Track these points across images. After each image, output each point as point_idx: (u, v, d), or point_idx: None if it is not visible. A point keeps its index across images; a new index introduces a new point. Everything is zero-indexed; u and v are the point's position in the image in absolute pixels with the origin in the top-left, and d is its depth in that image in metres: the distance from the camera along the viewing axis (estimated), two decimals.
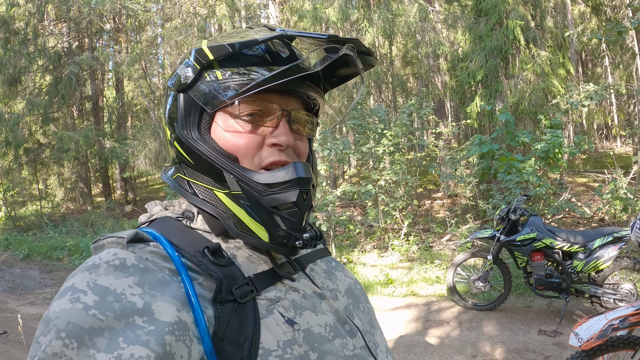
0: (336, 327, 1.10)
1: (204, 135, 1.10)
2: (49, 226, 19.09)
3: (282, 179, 1.06)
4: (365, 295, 1.37)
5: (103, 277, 0.89)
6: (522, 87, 13.99)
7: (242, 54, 1.08)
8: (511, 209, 7.40)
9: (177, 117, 1.12)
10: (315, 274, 1.24)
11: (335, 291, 1.24)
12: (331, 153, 11.46)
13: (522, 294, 8.35)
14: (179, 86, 1.11)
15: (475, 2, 14.91)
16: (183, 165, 1.14)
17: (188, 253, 1.02)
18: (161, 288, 0.92)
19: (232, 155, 1.08)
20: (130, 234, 1.01)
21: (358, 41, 1.10)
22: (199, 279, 0.99)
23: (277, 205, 1.07)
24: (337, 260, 1.41)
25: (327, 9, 17.05)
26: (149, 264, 0.95)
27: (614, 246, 6.81)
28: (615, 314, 3.85)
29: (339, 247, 11.72)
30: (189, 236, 1.09)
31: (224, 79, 1.06)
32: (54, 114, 21.86)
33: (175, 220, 1.14)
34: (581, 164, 18.66)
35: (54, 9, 21.82)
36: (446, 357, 6.31)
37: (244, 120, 1.08)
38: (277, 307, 1.03)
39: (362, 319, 1.25)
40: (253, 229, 1.08)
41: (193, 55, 1.08)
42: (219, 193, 1.09)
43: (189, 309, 0.92)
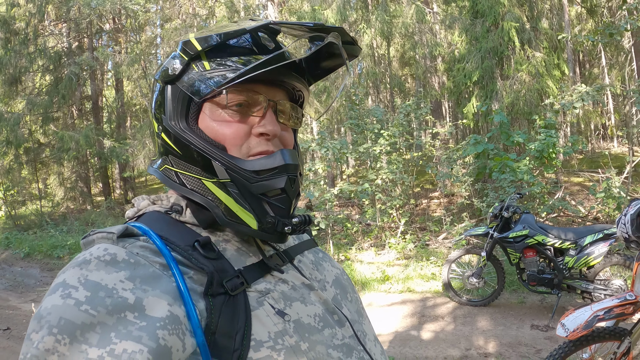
0: (325, 317, 1.12)
1: (191, 126, 1.11)
2: (49, 225, 19.15)
3: (270, 166, 1.08)
4: (353, 285, 1.39)
5: (94, 272, 0.90)
6: (517, 88, 14.13)
7: (229, 45, 1.10)
8: (504, 207, 7.56)
9: (165, 108, 1.13)
10: (304, 265, 1.25)
11: (323, 282, 1.26)
12: (329, 152, 11.59)
13: (515, 290, 8.49)
14: (166, 78, 1.13)
15: (471, 4, 15.03)
16: (170, 156, 1.15)
17: (178, 247, 1.03)
18: (152, 282, 0.93)
19: (220, 144, 1.09)
20: (120, 229, 1.01)
21: (343, 30, 1.11)
22: (189, 272, 0.99)
23: (266, 192, 1.08)
24: (323, 250, 1.43)
25: (326, 11, 17.16)
26: (140, 259, 0.96)
27: (604, 243, 6.95)
28: (600, 306, 3.98)
29: (336, 245, 11.84)
30: (178, 230, 1.11)
31: (212, 69, 1.08)
32: (54, 114, 21.89)
33: (164, 214, 1.15)
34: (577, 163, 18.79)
35: (54, 9, 21.85)
36: (441, 350, 6.45)
37: (231, 110, 1.09)
38: (267, 298, 1.04)
39: (350, 308, 1.26)
40: (242, 217, 1.09)
41: (180, 47, 1.10)
42: (207, 182, 1.10)
43: (181, 303, 0.93)
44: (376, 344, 1.26)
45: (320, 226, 11.05)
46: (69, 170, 23.41)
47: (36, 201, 23.49)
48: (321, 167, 12.01)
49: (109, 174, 25.42)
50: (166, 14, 22.52)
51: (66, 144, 19.17)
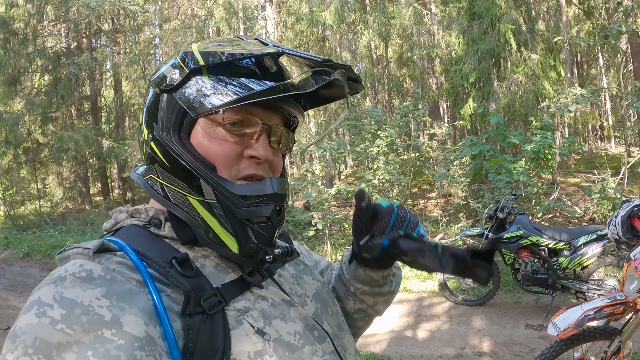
0: (305, 334, 1.09)
1: (183, 140, 1.09)
2: (48, 225, 19.17)
3: (258, 193, 1.07)
4: (333, 298, 1.36)
5: (69, 289, 0.87)
6: (514, 90, 14.20)
7: (233, 63, 1.07)
8: (499, 208, 7.65)
9: (158, 117, 1.10)
10: (284, 280, 1.23)
11: (303, 296, 1.23)
12: (326, 153, 11.66)
13: (511, 290, 8.58)
14: (163, 86, 1.10)
15: (468, 6, 15.10)
16: (157, 166, 1.12)
17: (155, 263, 1.01)
18: (129, 300, 0.90)
19: (211, 163, 1.07)
20: (96, 244, 0.99)
21: (350, 68, 1.10)
22: (167, 290, 0.97)
23: (251, 218, 1.07)
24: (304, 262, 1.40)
25: (324, 12, 17.20)
26: (116, 275, 0.93)
27: (597, 243, 7.04)
28: (591, 305, 4.05)
29: (334, 245, 11.89)
30: (156, 245, 1.08)
31: (212, 86, 1.05)
32: (53, 114, 21.89)
33: (142, 229, 1.12)
34: (574, 164, 18.85)
35: (53, 9, 21.87)
36: (436, 349, 6.53)
37: (225, 130, 1.08)
38: (246, 317, 1.02)
39: (330, 323, 1.23)
40: (223, 239, 1.07)
41: (181, 56, 1.09)
42: (192, 199, 1.07)
43: (157, 323, 0.91)
44: (357, 357, 1.26)
45: (317, 227, 11.10)
46: (68, 170, 23.40)
47: (35, 201, 23.49)
48: (319, 168, 12.07)
49: (107, 174, 25.42)
50: (165, 14, 22.57)
51: (65, 144, 19.15)
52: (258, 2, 21.93)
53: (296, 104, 1.18)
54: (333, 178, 19.42)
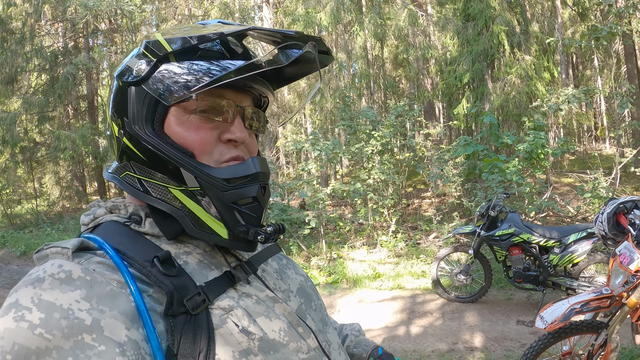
0: (290, 331, 1.08)
1: (157, 131, 1.06)
2: (45, 224, 19.22)
3: (242, 174, 1.05)
4: (317, 292, 1.35)
5: (48, 291, 0.85)
6: (507, 90, 14.31)
7: (199, 47, 1.05)
8: (491, 206, 7.76)
9: (128, 111, 1.07)
10: (267, 275, 1.21)
11: (287, 292, 1.22)
12: (322, 153, 11.78)
13: (503, 287, 8.68)
14: (130, 78, 1.06)
15: (463, 7, 15.19)
16: (133, 162, 1.09)
17: (137, 262, 0.98)
18: (110, 302, 0.88)
19: (189, 150, 1.05)
20: (75, 243, 0.96)
21: (321, 40, 1.09)
22: (149, 290, 0.95)
23: (237, 200, 1.05)
24: (287, 257, 1.39)
25: (319, 14, 17.27)
26: (97, 276, 0.91)
27: (587, 241, 7.14)
28: (577, 299, 4.15)
29: (329, 244, 12.02)
30: (137, 243, 1.05)
31: (181, 72, 1.02)
32: (50, 113, 21.91)
33: (122, 225, 1.09)
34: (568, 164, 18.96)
35: (51, 9, 21.89)
36: (429, 344, 6.65)
37: (199, 116, 1.06)
38: (230, 316, 1.00)
39: (314, 318, 1.23)
40: (212, 226, 1.06)
41: (144, 45, 1.05)
42: (174, 190, 1.05)
43: (139, 325, 0.89)
44: (340, 352, 1.25)
45: (311, 224, 11.21)
46: (65, 170, 23.42)
47: (32, 200, 23.51)
48: (314, 167, 12.16)
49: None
50: (162, 14, 22.59)
51: (62, 143, 19.17)
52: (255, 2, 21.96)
53: (266, 83, 1.17)
54: (329, 177, 19.48)
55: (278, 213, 11.96)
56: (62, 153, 19.93)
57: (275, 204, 12.28)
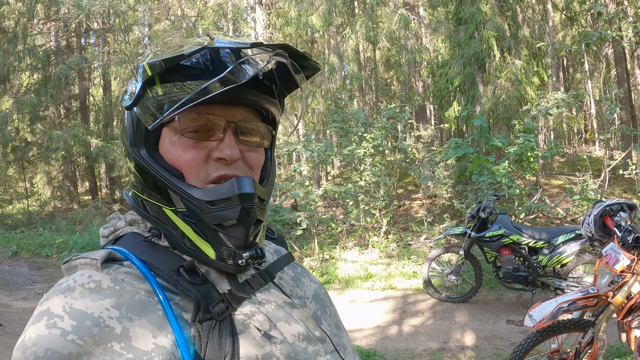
0: (308, 335, 1.10)
1: (152, 152, 1.08)
2: (37, 224, 19.15)
3: (222, 196, 1.03)
4: (330, 298, 1.38)
5: (79, 300, 0.88)
6: (498, 94, 14.40)
7: (182, 66, 1.04)
8: (481, 208, 7.87)
9: (127, 133, 1.10)
10: (284, 283, 1.23)
11: (303, 298, 1.24)
12: (314, 154, 11.89)
13: (493, 287, 8.80)
14: (125, 103, 1.09)
15: (455, 11, 15.27)
16: (136, 182, 1.12)
17: (163, 272, 1.01)
18: (138, 310, 0.91)
19: (178, 171, 1.05)
20: (103, 254, 0.99)
21: (289, 46, 1.06)
22: (175, 299, 0.98)
23: (220, 222, 1.04)
24: (301, 265, 1.40)
25: (311, 16, 17.32)
26: (125, 285, 0.94)
27: (575, 242, 7.27)
28: (565, 298, 4.27)
29: (321, 245, 12.10)
30: (160, 254, 1.07)
31: (164, 94, 1.03)
32: (42, 113, 21.84)
33: (143, 238, 1.11)
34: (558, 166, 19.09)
35: (44, 8, 21.83)
36: (420, 343, 6.75)
37: (187, 136, 1.05)
38: (252, 321, 1.02)
39: (329, 323, 1.25)
40: (200, 246, 1.06)
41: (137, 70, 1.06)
42: (167, 210, 1.07)
43: (168, 332, 0.92)
44: (354, 356, 1.26)
45: (302, 226, 11.28)
46: (56, 170, 23.34)
47: (23, 200, 23.42)
48: (306, 169, 12.23)
49: (95, 174, 25.36)
50: (155, 14, 22.58)
51: (54, 143, 19.12)
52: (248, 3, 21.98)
53: (261, 94, 1.11)
54: (320, 179, 19.52)
55: (270, 214, 12.01)
56: (54, 153, 19.89)
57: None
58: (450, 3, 15.79)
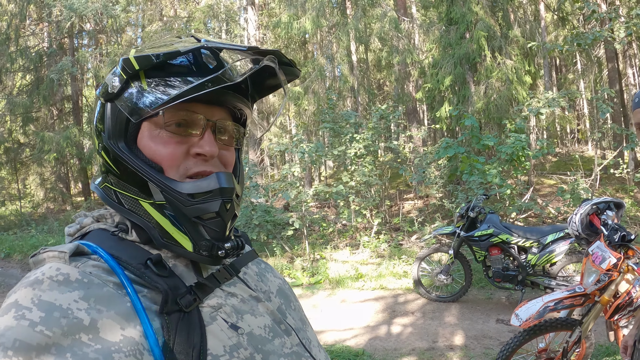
0: (274, 328, 1.14)
1: (130, 145, 1.10)
2: (30, 225, 19.13)
3: (204, 189, 1.07)
4: (294, 294, 1.41)
5: (47, 292, 0.89)
6: (489, 94, 14.41)
7: (169, 64, 1.08)
8: (470, 207, 7.88)
9: (104, 126, 1.11)
10: (249, 277, 1.25)
11: (268, 292, 1.27)
12: (305, 155, 11.87)
13: (483, 286, 8.80)
14: (106, 95, 1.11)
15: (446, 11, 15.28)
16: (110, 175, 1.13)
17: (130, 265, 1.02)
18: (107, 302, 0.92)
19: (157, 165, 1.08)
20: (71, 247, 1.00)
21: (279, 53, 1.11)
22: (143, 291, 0.99)
23: (200, 215, 1.07)
24: (265, 261, 1.44)
25: (302, 19, 17.34)
26: (93, 278, 0.95)
27: (565, 241, 7.27)
28: (551, 297, 4.28)
29: (312, 245, 12.09)
30: (127, 248, 1.09)
31: (149, 88, 1.06)
32: (35, 114, 21.84)
33: (110, 233, 1.12)
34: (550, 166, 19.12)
35: (36, 9, 21.83)
36: (409, 343, 6.74)
37: (169, 130, 1.08)
38: (219, 313, 1.05)
39: (294, 317, 1.28)
40: (177, 239, 1.08)
41: (120, 64, 1.07)
42: (143, 203, 1.08)
43: (137, 323, 0.93)
44: (320, 349, 1.29)
45: (294, 226, 11.27)
46: (49, 171, 23.33)
47: (16, 201, 23.40)
48: (297, 170, 12.23)
49: (88, 175, 25.33)
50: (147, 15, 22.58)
51: (47, 144, 19.13)
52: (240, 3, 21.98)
53: (239, 96, 1.18)
54: (313, 179, 19.53)
55: (262, 214, 12.02)
56: (47, 154, 19.86)
57: (259, 205, 12.32)
58: (441, 4, 15.78)
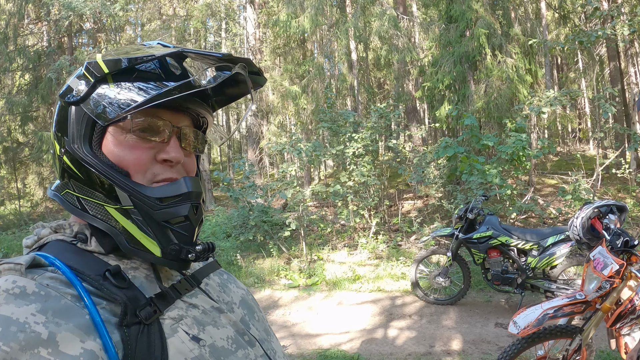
0: (237, 339, 1.13)
1: (95, 150, 1.08)
2: (28, 225, 19.11)
3: (173, 193, 1.08)
4: (258, 304, 1.39)
5: (4, 306, 0.87)
6: (489, 92, 14.30)
7: (136, 69, 1.07)
8: (469, 209, 7.75)
9: (68, 130, 1.09)
10: (211, 288, 1.25)
11: (230, 303, 1.26)
12: (302, 154, 11.74)
13: (482, 289, 8.68)
14: (70, 98, 1.09)
15: (446, 9, 15.19)
16: (72, 180, 1.11)
17: (88, 277, 1.00)
18: (65, 315, 0.90)
19: (124, 170, 1.07)
20: (27, 259, 0.97)
21: (250, 61, 1.13)
22: (102, 303, 0.97)
23: (169, 219, 1.08)
24: (227, 272, 1.43)
25: (300, 17, 17.28)
26: (51, 291, 0.93)
27: (565, 244, 7.14)
28: (551, 304, 4.14)
29: (310, 245, 12.00)
30: (86, 259, 1.07)
31: (117, 93, 1.05)
32: (34, 113, 21.85)
33: (68, 244, 1.10)
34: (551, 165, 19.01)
35: (34, 8, 21.80)
36: (406, 347, 6.61)
37: (135, 136, 1.07)
38: (181, 325, 1.04)
39: (258, 327, 1.27)
40: (145, 244, 1.08)
41: (85, 67, 1.08)
42: (109, 208, 1.07)
43: (96, 336, 0.91)
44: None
45: (292, 227, 11.16)
46: (48, 170, 23.32)
47: (15, 201, 23.37)
48: (294, 169, 12.13)
49: None
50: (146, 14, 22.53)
51: (45, 143, 19.13)
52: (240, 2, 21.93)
53: (203, 104, 1.19)
54: (312, 179, 19.46)
55: (259, 215, 11.91)
56: (46, 154, 19.83)
57: (256, 205, 12.22)
58: (441, 1, 15.70)
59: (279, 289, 9.76)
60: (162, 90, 1.04)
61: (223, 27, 24.38)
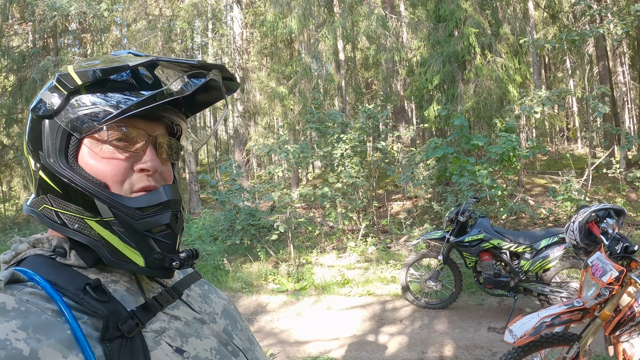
0: (221, 350, 1.13)
1: (71, 163, 1.07)
2: (13, 229, 18.96)
3: (154, 202, 1.07)
4: (240, 314, 1.40)
5: None
6: (479, 92, 14.24)
7: (109, 79, 1.07)
8: (460, 211, 7.64)
9: (42, 144, 1.08)
10: (192, 299, 1.24)
11: (212, 314, 1.26)
12: (289, 156, 11.59)
13: (474, 292, 8.57)
14: (44, 112, 1.07)
15: (434, 9, 15.14)
16: (50, 195, 1.09)
17: (69, 291, 0.99)
18: (46, 331, 0.89)
19: (102, 182, 1.06)
20: (6, 274, 0.97)
21: (223, 67, 1.13)
22: (83, 317, 0.96)
23: (151, 228, 1.07)
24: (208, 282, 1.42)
25: (288, 17, 17.23)
26: (31, 306, 0.92)
27: (559, 246, 7.04)
28: (547, 312, 4.03)
29: (298, 248, 11.88)
30: (65, 273, 1.05)
31: (92, 104, 1.05)
32: (18, 115, 21.71)
33: (47, 258, 1.08)
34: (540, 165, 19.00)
35: (19, 9, 21.67)
36: (397, 354, 6.49)
37: (111, 146, 1.07)
38: (163, 337, 1.04)
39: (241, 337, 1.27)
40: (128, 255, 1.07)
41: (57, 79, 1.06)
42: (90, 221, 1.06)
43: (78, 351, 0.90)
44: None
45: (279, 229, 11.02)
46: None
47: None
48: (282, 171, 12.02)
49: None
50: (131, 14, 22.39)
51: None
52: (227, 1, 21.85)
53: (177, 111, 1.19)
54: (300, 180, 19.38)
55: (245, 218, 11.78)
56: None
57: (243, 208, 12.08)
58: (430, 1, 15.63)
59: (267, 293, 9.60)
60: (137, 100, 1.04)
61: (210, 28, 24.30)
